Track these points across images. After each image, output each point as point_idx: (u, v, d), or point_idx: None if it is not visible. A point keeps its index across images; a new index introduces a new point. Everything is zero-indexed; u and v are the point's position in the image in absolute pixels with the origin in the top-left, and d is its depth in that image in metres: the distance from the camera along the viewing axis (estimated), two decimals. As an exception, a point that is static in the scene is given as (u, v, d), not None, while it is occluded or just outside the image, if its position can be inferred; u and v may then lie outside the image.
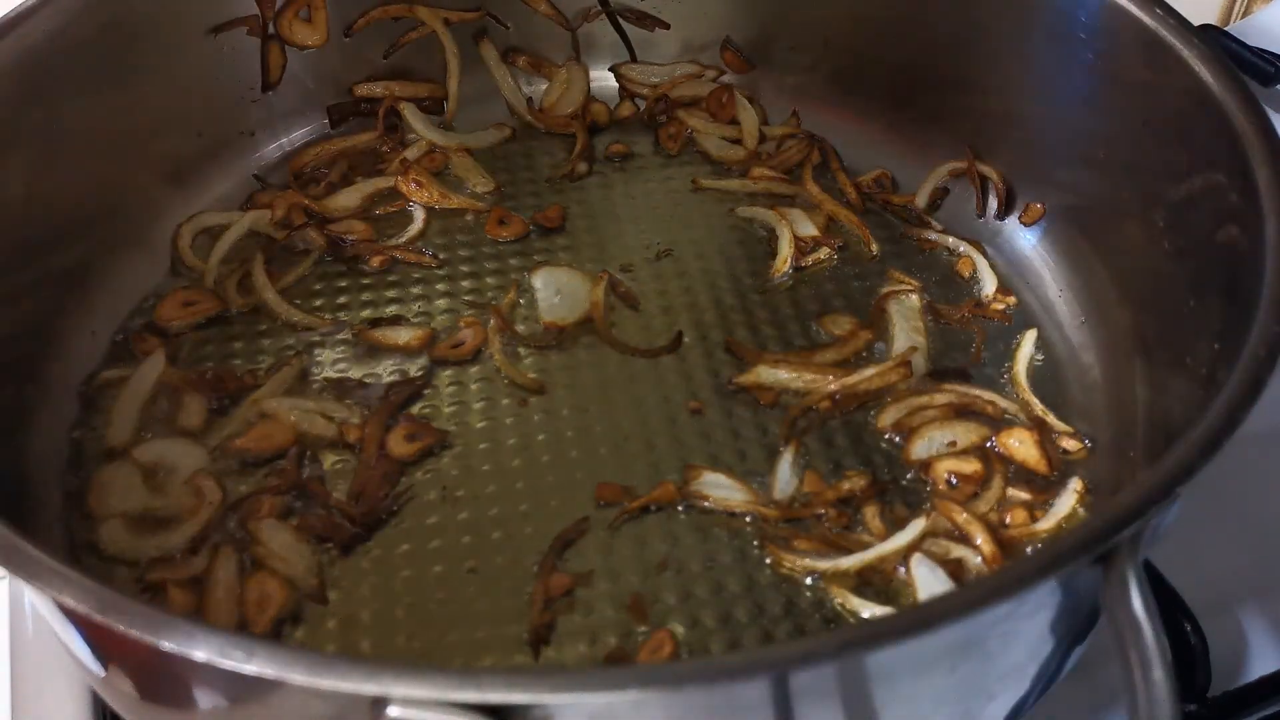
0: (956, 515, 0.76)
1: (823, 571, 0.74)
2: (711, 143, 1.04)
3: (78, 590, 0.51)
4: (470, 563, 0.75)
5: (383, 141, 1.03)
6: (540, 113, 1.07)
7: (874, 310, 0.90)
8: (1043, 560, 0.53)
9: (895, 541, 0.74)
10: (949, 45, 0.97)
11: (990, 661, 0.58)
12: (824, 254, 0.95)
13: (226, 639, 0.48)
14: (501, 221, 0.97)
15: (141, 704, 0.62)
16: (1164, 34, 0.80)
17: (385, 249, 0.95)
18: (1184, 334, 0.74)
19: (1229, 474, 0.73)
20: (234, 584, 0.72)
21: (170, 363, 0.85)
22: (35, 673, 0.78)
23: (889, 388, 0.84)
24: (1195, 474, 0.56)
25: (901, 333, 0.88)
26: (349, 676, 0.47)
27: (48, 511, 0.77)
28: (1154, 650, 0.52)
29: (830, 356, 0.87)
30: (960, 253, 0.95)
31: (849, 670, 0.53)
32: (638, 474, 0.80)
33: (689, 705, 0.51)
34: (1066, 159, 0.92)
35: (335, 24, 1.02)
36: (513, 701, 0.47)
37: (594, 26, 1.09)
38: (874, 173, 1.01)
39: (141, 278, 0.91)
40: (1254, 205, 0.69)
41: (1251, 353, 0.61)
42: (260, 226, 0.96)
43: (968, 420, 0.82)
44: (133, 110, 0.90)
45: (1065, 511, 0.76)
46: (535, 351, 0.88)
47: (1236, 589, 0.82)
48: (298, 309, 0.90)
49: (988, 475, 0.79)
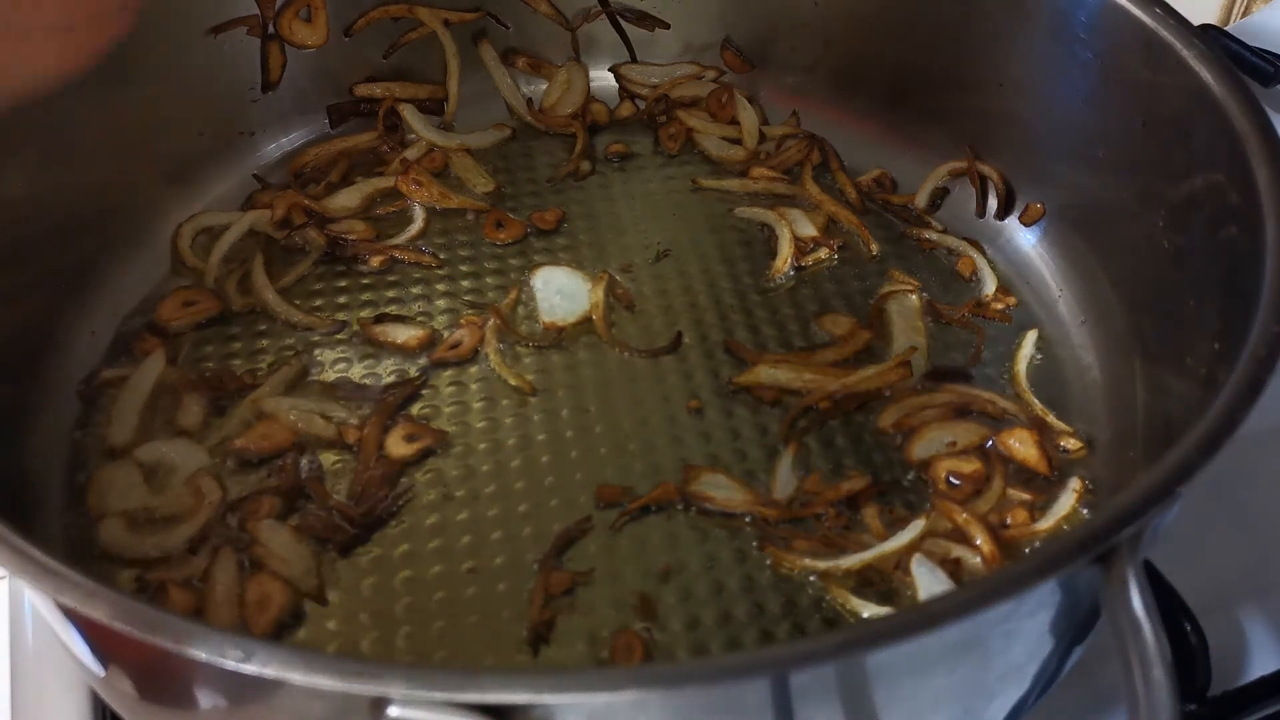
0: (956, 515, 0.76)
1: (823, 571, 0.74)
2: (711, 143, 1.04)
3: (78, 590, 0.51)
4: (470, 563, 0.75)
5: (382, 141, 1.03)
6: (540, 113, 1.07)
7: (874, 310, 0.90)
8: (1043, 560, 0.53)
9: (895, 541, 0.74)
10: (949, 45, 0.97)
11: (990, 661, 0.58)
12: (824, 254, 0.95)
13: (226, 639, 0.48)
14: (499, 224, 0.97)
15: (141, 704, 0.61)
16: (1164, 34, 0.80)
17: (385, 249, 0.95)
18: (1184, 334, 0.74)
19: (1229, 474, 0.73)
20: (234, 585, 0.72)
21: (170, 363, 0.85)
22: (35, 673, 0.78)
23: (889, 388, 0.84)
24: (1195, 474, 0.56)
25: (901, 333, 0.88)
26: (349, 676, 0.47)
27: (48, 511, 0.77)
28: (1154, 650, 0.52)
29: (830, 356, 0.87)
30: (960, 252, 0.95)
31: (849, 670, 0.53)
32: (638, 474, 0.80)
33: (689, 705, 0.51)
34: (1066, 159, 0.92)
35: (335, 24, 1.02)
36: (513, 701, 0.47)
37: (594, 26, 1.09)
38: (874, 173, 1.01)
39: (141, 278, 0.91)
40: (1254, 205, 0.69)
41: (1251, 353, 0.61)
42: (260, 226, 0.95)
43: (968, 420, 0.82)
44: (133, 110, 0.90)
45: (1065, 511, 0.76)
46: (535, 351, 0.88)
47: (1236, 589, 0.82)
48: (298, 309, 0.90)
49: (988, 475, 0.79)
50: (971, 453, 0.80)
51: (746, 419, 0.83)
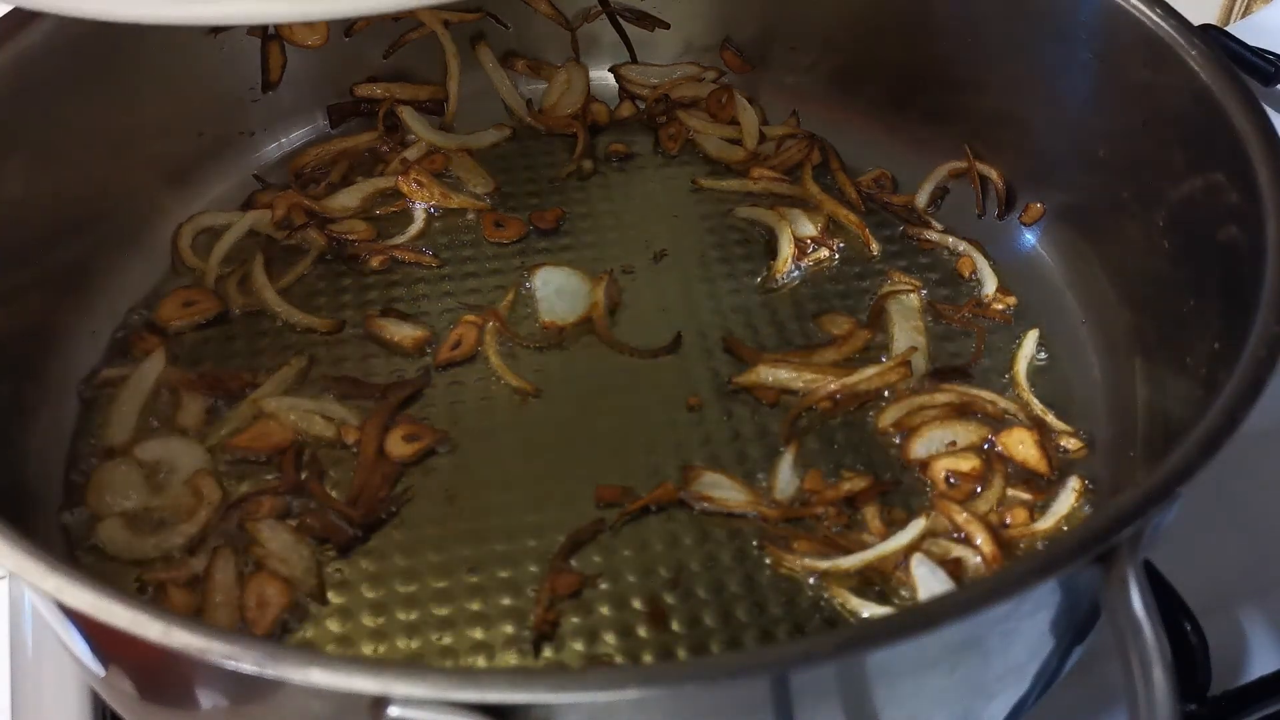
0: (956, 515, 0.76)
1: (823, 571, 0.74)
2: (711, 143, 1.04)
3: (78, 590, 0.51)
4: (469, 563, 0.75)
5: (383, 142, 1.03)
6: (540, 113, 1.07)
7: (874, 310, 0.90)
8: (1043, 560, 0.53)
9: (895, 541, 0.74)
10: (949, 45, 0.97)
11: (990, 661, 0.58)
12: (824, 254, 0.95)
13: (227, 639, 0.48)
14: (498, 224, 0.97)
15: (141, 704, 0.62)
16: (1164, 34, 0.80)
17: (386, 249, 0.95)
18: (1184, 334, 0.74)
19: (1229, 474, 0.73)
20: (233, 587, 0.72)
21: (171, 363, 0.85)
22: (35, 673, 0.78)
23: (889, 387, 0.84)
24: (1195, 474, 0.56)
25: (901, 333, 0.88)
26: (349, 676, 0.47)
27: (48, 511, 0.77)
28: (1154, 650, 0.52)
29: (830, 356, 0.87)
30: (960, 252, 0.95)
31: (849, 670, 0.53)
32: (638, 474, 0.80)
33: (689, 705, 0.51)
34: (1066, 159, 0.92)
35: (335, 24, 1.02)
36: (513, 701, 0.47)
37: (594, 26, 1.09)
38: (874, 172, 1.01)
39: (141, 278, 0.91)
40: (1254, 205, 0.69)
41: (1251, 353, 0.61)
42: (260, 226, 0.95)
43: (968, 420, 0.82)
44: (133, 110, 0.90)
45: (1065, 511, 0.76)
46: (535, 351, 0.88)
47: (1236, 589, 0.82)
48: (298, 309, 0.90)
49: (988, 475, 0.79)
50: (971, 452, 0.80)
51: (746, 419, 0.83)
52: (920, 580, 0.73)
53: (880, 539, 0.75)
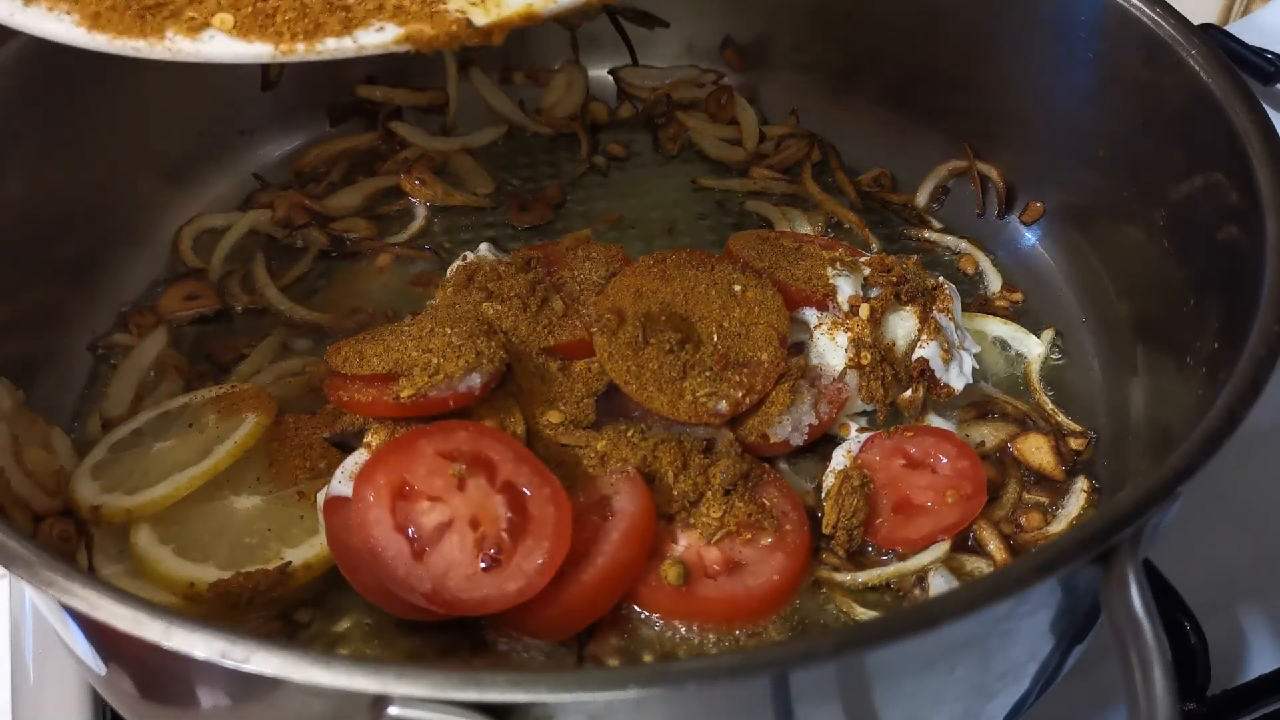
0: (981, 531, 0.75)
1: (842, 585, 0.73)
2: (710, 143, 1.04)
3: (78, 590, 0.51)
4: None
5: (383, 141, 1.03)
6: (540, 114, 1.07)
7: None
8: (1043, 560, 0.53)
9: (917, 560, 0.73)
10: (949, 45, 0.97)
11: (990, 661, 0.58)
12: (824, 253, 0.95)
13: (227, 639, 0.48)
14: (523, 208, 0.98)
15: (142, 702, 0.62)
16: (1164, 34, 0.80)
17: (387, 246, 0.95)
18: (1184, 333, 0.74)
19: (1229, 472, 0.73)
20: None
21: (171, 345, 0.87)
22: (35, 672, 0.78)
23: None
24: (1195, 473, 0.56)
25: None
26: (349, 676, 0.47)
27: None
28: (1154, 649, 0.52)
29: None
30: (961, 251, 0.95)
31: (849, 670, 0.53)
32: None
33: (689, 705, 0.51)
34: (1066, 158, 0.92)
35: (335, 24, 1.02)
36: (513, 701, 0.47)
37: (594, 26, 1.08)
38: (873, 172, 1.01)
39: (141, 276, 0.91)
40: (1254, 204, 0.69)
41: (1251, 352, 0.61)
42: (261, 226, 0.96)
43: (992, 421, 0.82)
44: (133, 110, 0.90)
45: (1076, 513, 0.76)
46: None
47: (1236, 588, 0.82)
48: (300, 306, 0.90)
49: (1003, 480, 0.78)
50: (986, 459, 0.79)
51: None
52: (936, 591, 0.72)
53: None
